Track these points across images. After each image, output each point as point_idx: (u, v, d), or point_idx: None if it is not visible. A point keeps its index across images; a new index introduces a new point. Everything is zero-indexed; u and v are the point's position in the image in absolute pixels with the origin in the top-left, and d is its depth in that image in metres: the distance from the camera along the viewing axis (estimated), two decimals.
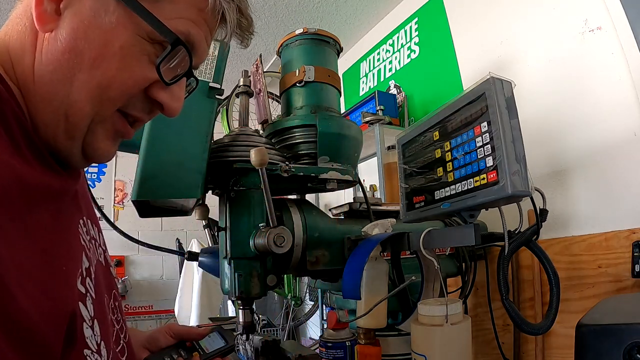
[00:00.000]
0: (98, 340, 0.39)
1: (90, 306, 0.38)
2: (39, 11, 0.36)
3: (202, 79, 0.78)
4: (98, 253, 0.47)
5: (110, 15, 0.38)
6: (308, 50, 0.91)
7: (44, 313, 0.31)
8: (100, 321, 0.40)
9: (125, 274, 3.00)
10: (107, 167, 3.18)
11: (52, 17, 0.37)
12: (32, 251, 0.31)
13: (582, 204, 1.10)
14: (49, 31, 0.37)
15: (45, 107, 0.38)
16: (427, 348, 0.70)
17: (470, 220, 0.70)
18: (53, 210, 0.36)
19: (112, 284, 0.50)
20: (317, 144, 0.85)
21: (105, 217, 0.94)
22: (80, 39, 0.37)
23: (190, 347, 0.71)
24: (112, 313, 0.47)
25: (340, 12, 2.03)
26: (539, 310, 1.11)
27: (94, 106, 0.39)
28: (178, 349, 0.70)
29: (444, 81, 1.66)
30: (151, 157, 0.71)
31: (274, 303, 2.75)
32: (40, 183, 0.35)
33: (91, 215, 0.49)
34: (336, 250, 0.87)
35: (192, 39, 0.42)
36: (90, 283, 0.40)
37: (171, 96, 0.43)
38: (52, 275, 0.33)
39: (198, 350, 0.71)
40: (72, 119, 0.39)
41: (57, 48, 0.37)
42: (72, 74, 0.38)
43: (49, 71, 0.38)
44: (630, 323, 0.53)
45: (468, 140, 0.67)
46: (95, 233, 0.49)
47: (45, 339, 0.31)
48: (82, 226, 0.43)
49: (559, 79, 1.18)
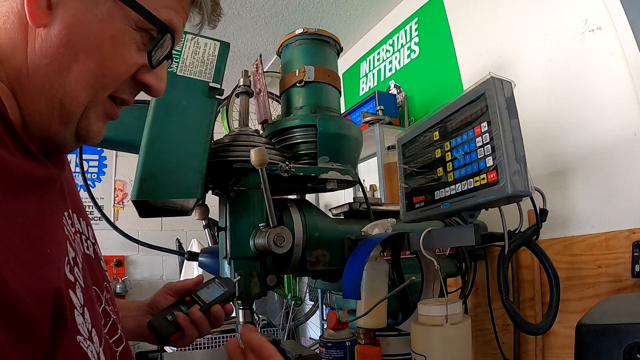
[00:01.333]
0: (89, 327, 0.39)
1: (79, 294, 0.39)
2: (31, 8, 0.37)
3: (202, 79, 0.78)
4: (86, 246, 0.48)
5: (101, 7, 0.40)
6: (308, 50, 0.91)
7: (29, 289, 0.31)
8: (90, 309, 0.40)
9: (125, 274, 3.00)
10: (107, 167, 3.18)
11: (44, 13, 0.38)
12: (14, 232, 0.32)
13: (582, 204, 1.10)
14: (41, 27, 0.39)
15: (40, 97, 0.40)
16: (427, 348, 0.70)
17: (470, 220, 0.70)
18: (35, 199, 0.37)
19: (104, 276, 0.51)
20: (317, 144, 0.85)
21: (105, 217, 0.94)
22: (74, 33, 0.39)
23: (190, 301, 0.70)
24: (106, 304, 0.48)
25: (340, 12, 2.02)
26: (539, 310, 1.11)
27: (88, 94, 0.42)
28: (178, 305, 0.69)
29: (444, 81, 1.66)
30: (151, 157, 0.71)
31: (274, 303, 2.74)
32: (23, 171, 0.36)
33: (78, 210, 0.50)
34: (336, 250, 0.87)
35: (174, 25, 0.46)
36: (79, 272, 0.41)
37: (157, 78, 0.48)
38: (36, 255, 0.34)
39: (198, 302, 0.70)
40: (68, 106, 0.41)
41: (52, 43, 0.39)
42: (68, 66, 0.40)
43: (44, 64, 0.39)
44: (630, 323, 0.53)
45: (468, 140, 0.67)
46: (83, 227, 0.50)
47: (31, 316, 0.31)
48: (67, 218, 0.44)
49: (559, 79, 1.18)
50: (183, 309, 0.68)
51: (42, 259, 0.35)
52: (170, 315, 0.66)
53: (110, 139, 0.79)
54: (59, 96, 0.41)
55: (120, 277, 2.93)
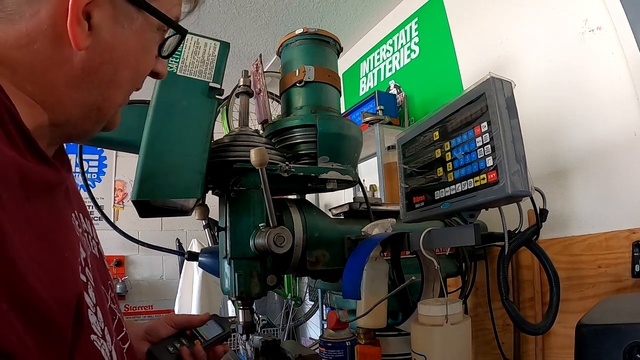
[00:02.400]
0: (102, 326, 0.40)
1: (92, 294, 0.40)
2: (74, 33, 0.38)
3: (202, 79, 0.78)
4: (92, 245, 0.49)
5: (135, 23, 0.43)
6: (308, 50, 0.91)
7: (54, 297, 0.32)
8: (101, 308, 0.41)
9: (125, 274, 3.00)
10: (107, 167, 3.18)
11: (86, 36, 0.40)
12: (33, 238, 0.32)
13: (582, 204, 1.10)
14: (84, 49, 0.40)
15: (76, 107, 0.42)
16: (427, 348, 0.70)
17: (470, 220, 0.70)
18: (48, 203, 0.38)
19: (107, 275, 0.52)
20: (317, 144, 0.85)
21: (105, 217, 0.94)
22: (115, 51, 0.42)
23: (190, 335, 0.73)
24: (112, 302, 0.49)
25: (340, 12, 2.03)
26: (539, 310, 1.11)
27: (124, 98, 0.47)
28: (179, 338, 0.71)
29: (444, 81, 1.66)
30: (151, 157, 0.71)
31: (274, 303, 2.75)
32: (36, 174, 0.36)
33: (82, 209, 0.51)
34: (336, 250, 0.87)
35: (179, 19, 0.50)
36: (89, 272, 0.41)
37: (164, 65, 0.52)
38: (56, 261, 0.34)
39: (199, 338, 0.72)
40: (105, 110, 0.45)
41: (94, 62, 0.41)
42: (109, 79, 0.43)
43: (86, 82, 0.41)
44: (630, 323, 0.53)
45: (468, 140, 0.67)
46: (88, 226, 0.51)
47: (56, 322, 0.32)
48: (75, 219, 0.45)
49: (559, 79, 1.18)
50: (185, 342, 0.70)
51: (61, 264, 0.35)
52: (172, 347, 0.68)
53: (110, 139, 0.79)
54: (97, 104, 0.44)
55: (120, 277, 2.93)
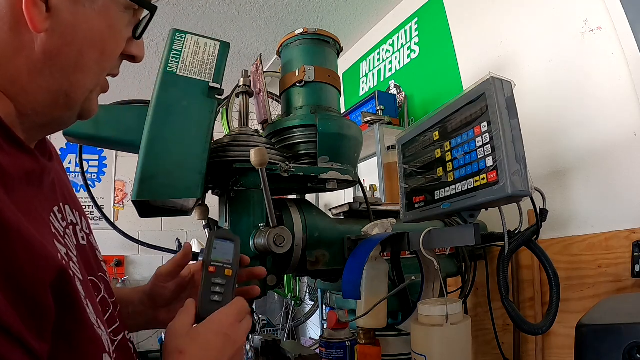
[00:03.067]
0: (94, 317, 0.40)
1: (79, 287, 0.39)
2: (31, 15, 0.37)
3: (202, 79, 0.78)
4: (80, 237, 0.48)
5: (97, 2, 0.42)
6: (308, 50, 0.91)
7: (32, 265, 0.32)
8: (90, 300, 0.41)
9: (125, 274, 3.00)
10: (107, 167, 3.18)
11: (44, 18, 0.38)
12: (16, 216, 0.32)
13: (582, 204, 1.10)
14: (43, 31, 0.38)
15: (42, 93, 0.41)
16: (427, 348, 0.70)
17: (470, 220, 0.70)
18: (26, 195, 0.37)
19: (99, 266, 0.51)
20: (317, 144, 0.85)
21: (105, 217, 0.94)
22: (77, 31, 0.41)
23: (216, 271, 0.57)
24: (105, 293, 0.49)
25: (340, 12, 2.03)
26: (539, 310, 1.11)
27: (93, 81, 0.44)
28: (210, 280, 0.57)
29: (444, 81, 1.66)
30: (151, 157, 0.71)
31: (274, 303, 2.75)
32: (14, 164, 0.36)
33: (70, 200, 0.50)
34: (336, 250, 0.87)
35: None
36: (75, 266, 0.41)
37: (139, 47, 0.49)
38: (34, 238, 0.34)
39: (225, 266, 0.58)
40: (73, 96, 0.43)
41: (56, 44, 0.39)
42: (73, 62, 0.41)
43: (49, 65, 0.40)
44: (630, 323, 0.53)
45: (468, 140, 0.67)
46: (76, 218, 0.50)
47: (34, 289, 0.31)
48: (57, 212, 0.44)
49: (559, 79, 1.18)
50: (220, 281, 0.57)
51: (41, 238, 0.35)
52: (216, 295, 0.56)
53: (110, 139, 0.79)
54: (64, 89, 0.42)
55: (120, 277, 2.93)
